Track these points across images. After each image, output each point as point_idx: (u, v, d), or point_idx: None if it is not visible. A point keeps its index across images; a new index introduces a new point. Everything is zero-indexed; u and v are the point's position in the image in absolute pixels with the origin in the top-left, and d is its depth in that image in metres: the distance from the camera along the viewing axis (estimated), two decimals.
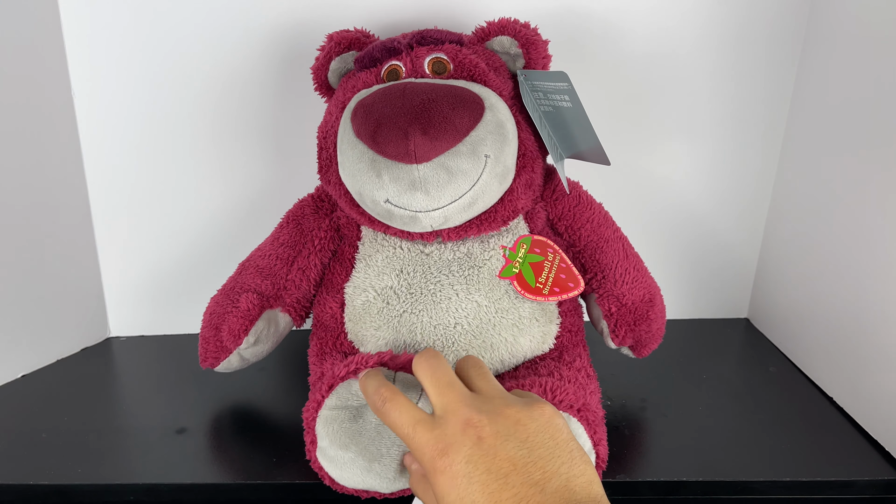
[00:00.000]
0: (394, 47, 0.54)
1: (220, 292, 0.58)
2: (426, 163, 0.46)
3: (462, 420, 0.36)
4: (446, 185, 0.47)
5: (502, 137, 0.49)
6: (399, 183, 0.46)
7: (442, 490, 0.35)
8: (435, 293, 0.51)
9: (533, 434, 0.36)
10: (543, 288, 0.52)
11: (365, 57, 0.54)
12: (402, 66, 0.53)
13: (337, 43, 0.55)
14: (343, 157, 0.50)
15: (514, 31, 0.54)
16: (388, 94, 0.48)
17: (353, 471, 0.43)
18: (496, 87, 0.52)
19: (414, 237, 0.53)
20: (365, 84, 0.53)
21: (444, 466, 0.35)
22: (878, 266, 0.55)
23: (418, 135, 0.45)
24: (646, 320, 0.57)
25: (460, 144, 0.47)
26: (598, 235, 0.57)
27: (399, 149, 0.45)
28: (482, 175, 0.48)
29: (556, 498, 0.33)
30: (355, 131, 0.48)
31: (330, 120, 0.54)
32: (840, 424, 0.57)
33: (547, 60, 0.56)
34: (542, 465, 0.35)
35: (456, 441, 0.36)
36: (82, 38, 0.69)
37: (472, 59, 0.53)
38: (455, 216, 0.49)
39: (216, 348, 0.56)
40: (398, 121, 0.46)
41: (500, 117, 0.49)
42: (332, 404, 0.43)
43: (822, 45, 0.65)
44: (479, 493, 0.34)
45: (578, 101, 0.51)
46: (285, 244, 0.58)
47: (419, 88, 0.48)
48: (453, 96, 0.47)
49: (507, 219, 0.53)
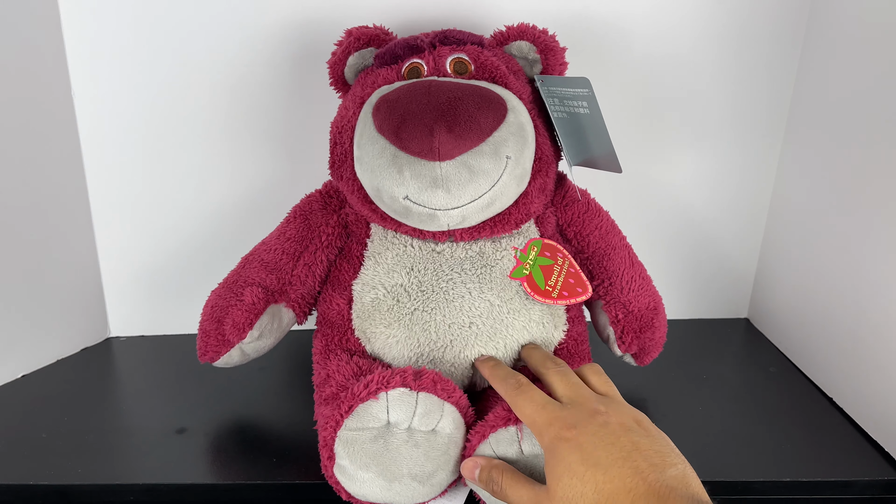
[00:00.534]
0: (416, 45, 0.54)
1: (221, 285, 0.57)
2: (449, 161, 0.46)
3: (591, 409, 0.41)
4: (467, 183, 0.47)
5: (523, 140, 0.49)
6: (420, 180, 0.46)
7: (562, 454, 0.38)
8: (447, 291, 0.51)
9: (654, 432, 0.40)
10: (553, 291, 0.53)
11: (386, 53, 0.54)
12: (424, 65, 0.53)
13: (356, 38, 0.55)
14: (362, 151, 0.49)
15: (534, 37, 0.55)
16: (413, 91, 0.48)
17: (372, 489, 0.43)
18: (516, 91, 0.52)
19: (426, 236, 0.53)
20: (386, 80, 0.53)
21: (571, 436, 0.39)
22: (878, 266, 0.55)
23: (443, 132, 0.45)
24: (650, 328, 0.57)
25: (483, 144, 0.47)
26: (605, 243, 0.58)
27: (423, 145, 0.45)
28: (502, 176, 0.48)
29: (676, 482, 0.36)
30: (377, 126, 0.48)
31: (346, 115, 0.53)
32: (840, 424, 0.57)
33: (564, 67, 0.57)
34: (662, 455, 0.38)
35: (584, 420, 0.40)
36: (82, 38, 0.69)
37: (493, 62, 0.53)
38: (473, 216, 0.49)
39: (217, 342, 0.55)
40: (423, 117, 0.46)
41: (521, 119, 0.50)
42: (353, 426, 0.43)
43: (822, 45, 0.65)
44: (604, 454, 0.37)
45: (597, 108, 0.51)
46: (292, 239, 0.57)
47: (445, 86, 0.48)
48: (479, 96, 0.48)
49: (519, 221, 0.53)
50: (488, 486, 0.42)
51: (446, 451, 0.44)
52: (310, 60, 0.68)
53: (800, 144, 0.69)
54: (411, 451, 0.43)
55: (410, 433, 0.43)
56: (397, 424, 0.43)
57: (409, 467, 0.43)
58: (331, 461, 0.44)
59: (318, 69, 0.60)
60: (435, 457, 0.44)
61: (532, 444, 0.43)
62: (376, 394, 0.43)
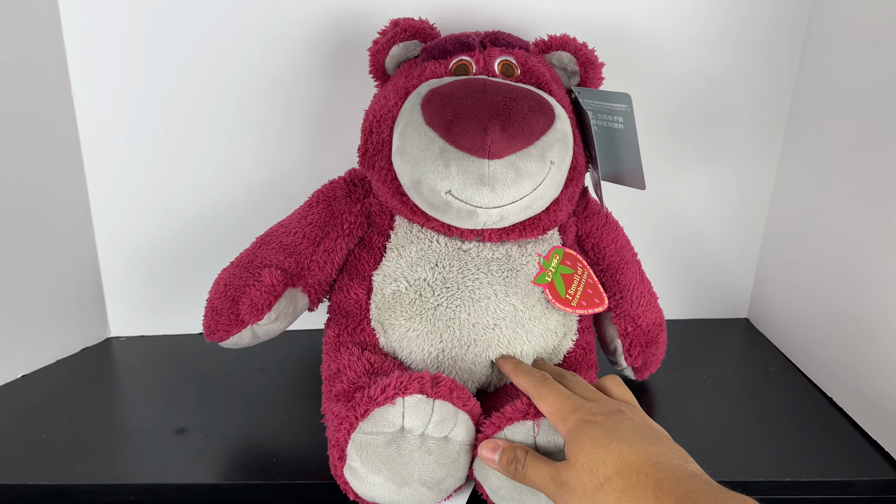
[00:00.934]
0: (468, 42, 0.54)
1: (234, 264, 0.56)
2: (498, 160, 0.46)
3: (614, 407, 0.42)
4: (512, 184, 0.47)
5: (566, 147, 0.50)
6: (467, 176, 0.46)
7: (586, 430, 0.39)
8: (473, 290, 0.51)
9: (666, 436, 0.41)
10: (572, 300, 0.53)
11: (436, 47, 0.54)
12: (473, 63, 0.53)
13: (403, 29, 0.55)
14: (406, 142, 0.49)
15: (575, 49, 0.56)
16: (467, 87, 0.48)
17: (381, 492, 0.43)
18: (558, 99, 0.53)
19: (453, 233, 0.52)
20: (434, 74, 0.53)
21: (596, 420, 0.40)
22: (878, 266, 0.55)
23: (497, 131, 0.45)
24: (655, 343, 0.59)
25: (532, 147, 0.47)
26: (620, 257, 0.59)
27: (475, 142, 0.45)
28: (545, 180, 0.48)
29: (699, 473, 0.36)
30: (426, 119, 0.48)
31: (387, 105, 0.53)
32: (840, 424, 0.57)
33: (600, 82, 0.57)
34: (684, 455, 0.38)
35: (608, 412, 0.41)
36: (82, 37, 0.69)
37: (539, 68, 0.54)
38: (511, 216, 0.49)
39: (229, 321, 0.54)
40: (478, 114, 0.46)
41: (566, 127, 0.50)
42: (368, 429, 0.43)
43: (822, 45, 0.65)
44: (629, 434, 0.39)
45: (633, 124, 0.52)
46: (314, 223, 0.56)
47: (500, 87, 0.48)
48: (532, 99, 0.48)
49: (547, 228, 0.53)
50: (510, 467, 0.42)
51: (457, 458, 0.44)
52: (313, 55, 0.68)
53: (800, 144, 0.69)
54: (423, 457, 0.43)
55: (423, 439, 0.43)
56: (411, 430, 0.43)
57: (420, 473, 0.43)
58: (341, 461, 0.43)
59: (323, 64, 0.59)
60: (446, 464, 0.44)
61: (547, 439, 0.43)
62: (393, 399, 0.42)
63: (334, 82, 0.69)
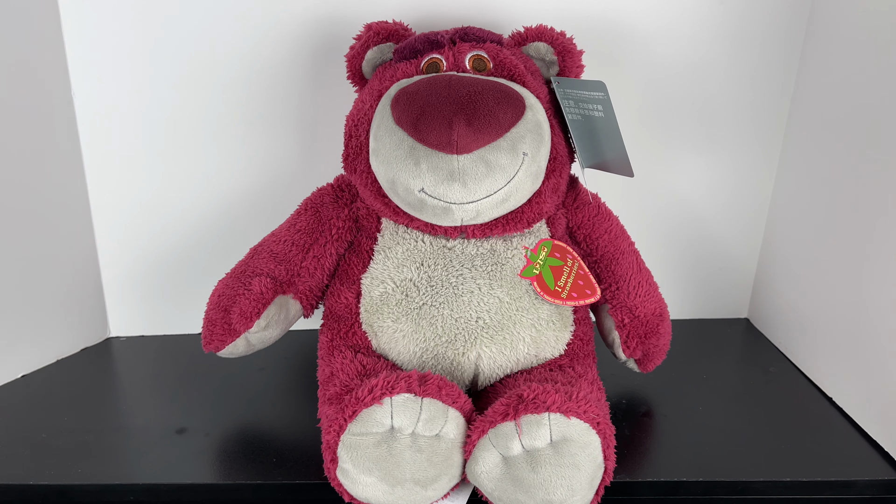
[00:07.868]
0: (437, 41, 0.54)
1: (229, 275, 0.57)
2: (466, 154, 0.46)
3: None
4: (484, 178, 0.47)
5: (539, 137, 0.49)
6: (437, 172, 0.46)
7: None
8: (457, 286, 0.51)
9: None
10: (562, 292, 0.53)
11: (406, 48, 0.54)
12: (444, 60, 0.53)
13: (375, 33, 0.55)
14: (378, 143, 0.49)
15: (551, 39, 0.55)
16: (433, 84, 0.48)
17: (374, 493, 0.43)
18: (533, 90, 0.53)
19: (437, 231, 0.52)
20: (405, 74, 0.53)
21: None
22: (878, 266, 0.55)
23: (462, 125, 0.45)
24: (655, 334, 0.58)
25: (501, 139, 0.47)
26: (614, 247, 0.58)
27: (441, 138, 0.45)
28: (518, 172, 0.48)
29: None
30: (395, 118, 0.48)
31: (363, 108, 0.53)
32: (840, 424, 0.57)
33: (580, 70, 0.57)
34: None
35: None
36: (82, 37, 0.69)
37: (511, 60, 0.53)
38: (487, 211, 0.49)
39: (223, 331, 0.55)
40: (443, 110, 0.46)
41: (538, 118, 0.50)
42: (357, 430, 0.43)
43: (822, 45, 0.65)
44: None
45: (612, 112, 0.51)
46: (302, 231, 0.57)
47: (466, 81, 0.48)
48: (498, 91, 0.48)
49: (531, 221, 0.53)
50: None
51: (449, 456, 0.44)
52: (309, 58, 0.68)
53: (800, 144, 0.69)
54: (414, 455, 0.43)
55: (414, 438, 0.43)
56: (401, 430, 0.43)
57: (412, 472, 0.43)
58: (334, 464, 0.44)
59: (319, 67, 0.60)
60: (438, 462, 0.43)
61: (531, 439, 0.42)
62: (380, 399, 0.42)
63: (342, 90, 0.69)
